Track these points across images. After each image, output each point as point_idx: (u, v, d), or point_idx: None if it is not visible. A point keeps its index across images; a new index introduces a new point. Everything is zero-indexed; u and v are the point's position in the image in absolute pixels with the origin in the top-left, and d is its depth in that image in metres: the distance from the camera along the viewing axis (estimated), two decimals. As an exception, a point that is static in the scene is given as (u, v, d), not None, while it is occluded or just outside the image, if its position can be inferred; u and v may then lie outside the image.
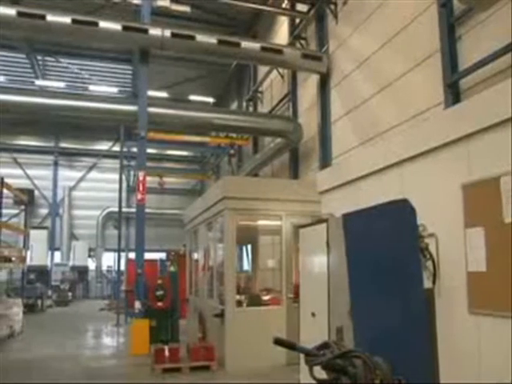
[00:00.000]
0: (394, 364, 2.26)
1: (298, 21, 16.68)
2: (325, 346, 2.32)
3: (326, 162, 13.70)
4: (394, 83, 10.60)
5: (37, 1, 18.00)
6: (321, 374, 2.30)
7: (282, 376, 8.72)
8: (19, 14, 12.72)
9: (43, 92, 22.77)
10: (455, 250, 5.14)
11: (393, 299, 3.54)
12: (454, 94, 8.55)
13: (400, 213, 3.76)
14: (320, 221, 7.29)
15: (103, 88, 26.60)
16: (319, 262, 7.03)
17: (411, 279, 3.62)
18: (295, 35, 16.46)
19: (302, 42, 16.19)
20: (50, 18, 12.90)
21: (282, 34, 18.22)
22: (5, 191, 15.97)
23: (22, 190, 22.11)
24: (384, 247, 4.28)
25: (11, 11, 12.75)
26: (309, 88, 15.71)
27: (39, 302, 23.07)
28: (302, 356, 2.35)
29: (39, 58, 24.95)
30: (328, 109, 13.98)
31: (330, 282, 6.56)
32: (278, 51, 14.63)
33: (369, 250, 4.61)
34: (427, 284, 4.81)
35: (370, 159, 7.37)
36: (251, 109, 22.00)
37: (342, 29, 13.43)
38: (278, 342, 2.29)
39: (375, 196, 5.86)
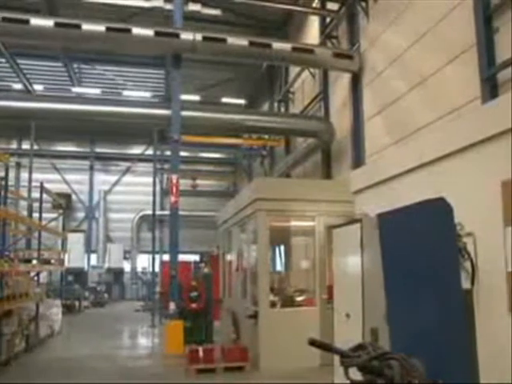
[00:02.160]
0: (432, 366, 2.20)
1: (328, 20, 16.55)
2: (360, 347, 2.29)
3: (358, 161, 13.53)
4: (428, 80, 10.38)
5: (72, 11, 18.57)
6: (356, 375, 2.26)
7: (315, 377, 8.64)
8: (56, 24, 13.12)
9: (80, 99, 23.37)
10: (494, 249, 4.98)
11: (430, 300, 3.45)
12: (491, 89, 8.31)
13: (437, 212, 3.66)
14: (354, 221, 7.19)
15: (137, 93, 27.11)
16: (353, 262, 6.94)
17: (449, 280, 3.52)
18: (326, 34, 16.34)
19: (334, 41, 16.06)
20: (85, 26, 13.27)
21: (312, 33, 18.12)
22: (44, 196, 16.43)
23: (60, 195, 22.73)
24: (420, 247, 4.18)
25: (49, 22, 13.18)
26: (340, 87, 15.56)
27: (77, 303, 23.62)
28: (336, 357, 2.32)
29: (75, 65, 25.60)
30: (360, 108, 13.81)
31: (365, 283, 6.46)
32: (310, 51, 14.55)
33: (405, 251, 4.51)
34: (465, 285, 4.67)
35: (405, 157, 7.23)
36: (283, 109, 21.96)
37: (374, 26, 13.25)
38: (313, 342, 2.26)
39: (410, 195, 5.73)
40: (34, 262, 14.46)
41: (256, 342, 9.88)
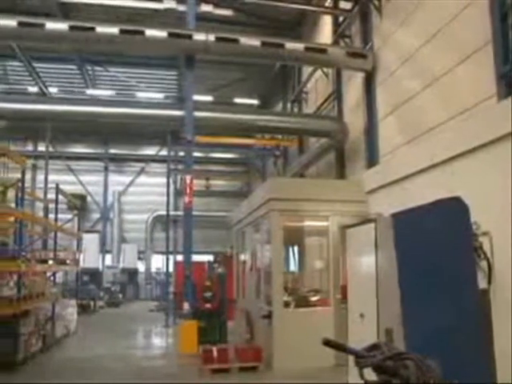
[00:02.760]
0: (448, 366, 2.17)
1: (341, 19, 16.49)
2: (375, 347, 2.28)
3: (372, 161, 13.45)
4: (440, 79, 10.28)
5: (86, 14, 18.77)
6: (371, 375, 2.25)
7: (330, 377, 8.60)
8: (71, 27, 13.31)
9: (94, 101, 23.60)
10: (510, 248, 4.91)
11: (446, 300, 3.42)
12: (507, 86, 8.21)
13: (452, 211, 3.63)
14: (367, 220, 7.16)
15: (150, 94, 27.27)
16: (367, 262, 6.90)
17: (465, 280, 3.48)
18: (339, 33, 16.27)
19: (347, 40, 15.99)
20: (99, 29, 13.43)
21: (325, 33, 18.06)
22: (60, 197, 16.60)
23: (75, 196, 22.96)
24: (436, 247, 4.15)
25: (64, 26, 13.38)
26: (354, 87, 15.49)
27: (92, 303, 23.80)
28: (351, 357, 2.31)
29: (89, 68, 25.83)
30: (374, 107, 13.73)
31: (379, 283, 6.42)
32: (322, 51, 14.51)
33: (420, 250, 4.48)
34: (482, 284, 4.61)
35: (418, 157, 7.18)
36: (296, 109, 21.93)
37: (387, 25, 13.17)
38: (327, 342, 2.26)
39: (423, 195, 5.69)
40: (50, 262, 14.60)
41: (270, 342, 9.88)
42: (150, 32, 13.78)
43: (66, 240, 20.03)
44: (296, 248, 15.97)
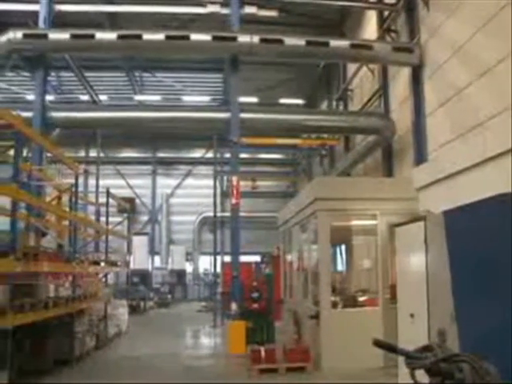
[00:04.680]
0: (506, 368, 2.05)
1: (386, 13, 16.16)
2: (427, 348, 2.22)
3: (421, 157, 13.08)
4: (495, 68, 9.84)
5: (132, 23, 19.26)
6: (422, 377, 2.16)
7: (379, 379, 8.44)
8: (119, 36, 13.76)
9: (142, 106, 24.19)
10: None
11: (502, 300, 3.24)
12: None
13: (508, 207, 3.44)
14: (417, 219, 6.98)
15: (196, 98, 27.68)
16: (417, 261, 6.71)
17: (523, 278, 3.29)
18: (384, 28, 15.95)
19: (392, 35, 15.65)
20: (145, 36, 13.82)
21: (370, 29, 17.76)
22: (110, 200, 17.10)
23: (124, 199, 23.56)
24: (491, 244, 3.96)
25: (112, 35, 13.84)
26: (400, 82, 15.15)
27: (142, 303, 24.37)
28: (400, 359, 2.23)
29: (136, 74, 26.51)
30: (422, 102, 13.35)
31: (430, 283, 6.22)
32: (368, 47, 14.29)
33: (474, 248, 4.30)
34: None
35: (470, 152, 6.92)
36: (341, 108, 21.67)
37: (434, 17, 12.77)
38: (378, 343, 2.22)
39: (478, 191, 5.46)
40: (102, 264, 15.05)
41: (318, 342, 9.79)
42: (195, 36, 14.03)
43: (116, 242, 20.59)
44: (343, 247, 15.76)
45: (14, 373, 7.30)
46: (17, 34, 13.69)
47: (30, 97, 19.93)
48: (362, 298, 10.95)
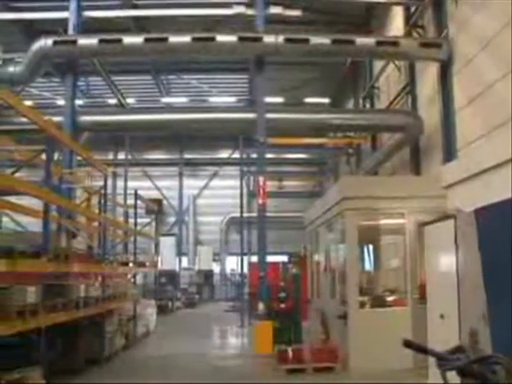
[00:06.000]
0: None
1: (413, 9, 15.91)
2: (459, 349, 2.18)
3: (450, 154, 12.84)
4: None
5: (158, 27, 19.47)
6: (453, 379, 2.11)
7: (408, 380, 8.29)
8: (146, 40, 13.95)
9: (168, 108, 24.45)
10: None
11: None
12: None
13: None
14: (447, 217, 6.83)
15: (222, 99, 27.80)
16: (447, 260, 6.58)
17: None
18: (411, 24, 15.72)
19: (419, 30, 15.39)
20: (171, 39, 13.95)
21: (396, 25, 17.52)
22: (138, 202, 17.33)
23: (152, 201, 23.84)
24: (524, 243, 3.84)
25: (139, 39, 14.04)
26: (428, 78, 14.90)
27: (170, 303, 24.60)
28: (431, 360, 2.18)
29: (163, 77, 26.82)
30: (451, 98, 13.10)
31: (460, 282, 6.09)
32: (394, 43, 14.12)
33: (506, 247, 4.18)
34: None
35: (502, 147, 6.72)
36: (368, 106, 21.45)
37: (463, 10, 12.50)
38: (408, 344, 2.20)
39: (508, 188, 5.32)
40: (131, 264, 15.26)
41: (345, 342, 9.70)
42: (221, 38, 14.11)
43: (144, 243, 20.86)
44: (371, 247, 15.59)
45: (47, 371, 7.45)
46: (48, 42, 14.04)
47: (61, 102, 20.38)
48: (390, 298, 10.80)
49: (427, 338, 6.98)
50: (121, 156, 32.22)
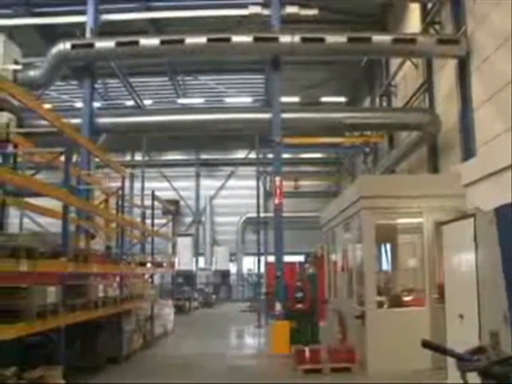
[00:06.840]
0: None
1: (430, 5, 15.73)
2: (480, 350, 2.14)
3: (469, 152, 12.66)
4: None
5: (175, 28, 19.60)
6: (474, 380, 2.08)
7: (427, 380, 8.21)
8: (162, 42, 14.05)
9: (185, 109, 24.57)
10: None
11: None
12: None
13: None
14: (465, 216, 6.75)
15: (238, 99, 27.86)
16: (466, 260, 6.49)
17: None
18: (428, 21, 15.55)
19: (436, 27, 15.23)
20: (188, 40, 14.06)
21: (413, 22, 17.35)
22: (155, 203, 17.45)
23: (169, 201, 23.99)
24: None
25: (155, 41, 14.16)
26: (446, 75, 14.72)
27: (187, 303, 24.70)
28: (450, 360, 2.16)
29: (179, 78, 26.95)
30: (469, 95, 12.91)
31: (480, 282, 6.00)
32: (411, 40, 14.00)
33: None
34: None
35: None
36: (385, 104, 21.28)
37: (482, 5, 12.32)
38: (427, 344, 2.18)
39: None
40: (148, 265, 15.36)
41: (363, 342, 9.63)
42: (237, 38, 14.14)
43: (161, 243, 20.98)
44: (388, 246, 15.47)
45: (67, 369, 7.55)
46: (66, 45, 14.22)
47: (79, 104, 20.62)
48: (407, 298, 10.71)
49: (446, 339, 6.90)
50: (138, 157, 32.50)
